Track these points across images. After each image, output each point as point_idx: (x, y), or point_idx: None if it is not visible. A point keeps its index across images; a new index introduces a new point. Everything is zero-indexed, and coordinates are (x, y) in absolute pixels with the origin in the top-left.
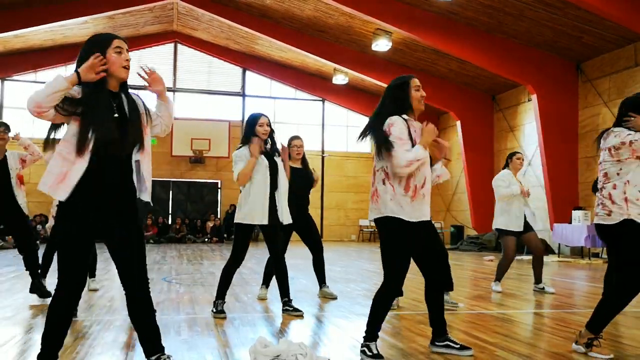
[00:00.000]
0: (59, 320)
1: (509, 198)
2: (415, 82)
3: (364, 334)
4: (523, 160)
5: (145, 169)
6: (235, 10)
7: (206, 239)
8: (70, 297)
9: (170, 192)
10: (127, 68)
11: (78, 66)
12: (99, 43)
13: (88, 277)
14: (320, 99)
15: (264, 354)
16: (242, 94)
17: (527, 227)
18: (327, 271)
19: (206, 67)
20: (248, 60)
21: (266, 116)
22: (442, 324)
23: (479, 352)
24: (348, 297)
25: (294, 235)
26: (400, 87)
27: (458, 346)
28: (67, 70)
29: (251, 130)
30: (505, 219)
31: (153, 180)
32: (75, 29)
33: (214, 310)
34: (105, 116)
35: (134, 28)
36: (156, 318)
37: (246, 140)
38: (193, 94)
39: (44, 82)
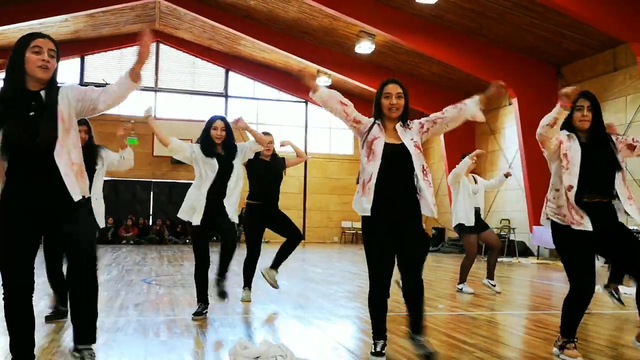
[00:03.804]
0: (19, 323)
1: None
2: (385, 89)
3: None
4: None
5: (63, 164)
6: (219, 10)
7: (187, 240)
8: (19, 297)
9: (151, 193)
10: (43, 68)
11: (10, 68)
12: (19, 44)
13: None
14: (304, 100)
15: (243, 355)
16: (225, 95)
17: (484, 225)
18: (309, 273)
19: (188, 67)
20: (231, 61)
21: (223, 119)
22: (411, 323)
23: (458, 353)
24: (330, 299)
25: (277, 237)
26: (378, 91)
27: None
28: None
29: (206, 133)
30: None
31: (134, 181)
32: (55, 26)
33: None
34: (14, 114)
35: (115, 27)
36: (96, 308)
37: (201, 140)
38: (175, 94)
39: None
